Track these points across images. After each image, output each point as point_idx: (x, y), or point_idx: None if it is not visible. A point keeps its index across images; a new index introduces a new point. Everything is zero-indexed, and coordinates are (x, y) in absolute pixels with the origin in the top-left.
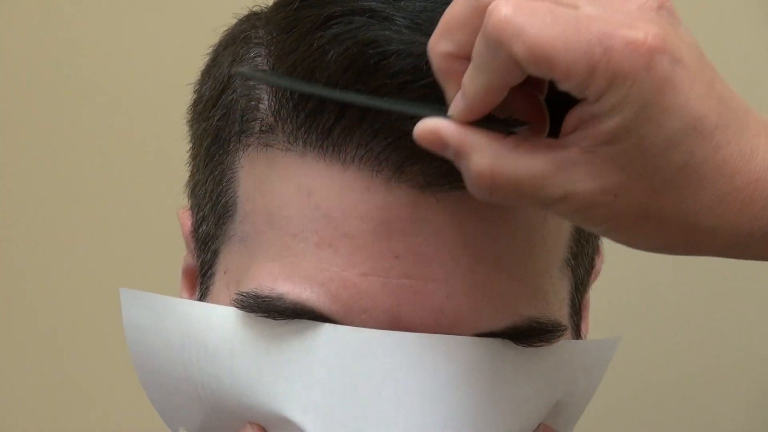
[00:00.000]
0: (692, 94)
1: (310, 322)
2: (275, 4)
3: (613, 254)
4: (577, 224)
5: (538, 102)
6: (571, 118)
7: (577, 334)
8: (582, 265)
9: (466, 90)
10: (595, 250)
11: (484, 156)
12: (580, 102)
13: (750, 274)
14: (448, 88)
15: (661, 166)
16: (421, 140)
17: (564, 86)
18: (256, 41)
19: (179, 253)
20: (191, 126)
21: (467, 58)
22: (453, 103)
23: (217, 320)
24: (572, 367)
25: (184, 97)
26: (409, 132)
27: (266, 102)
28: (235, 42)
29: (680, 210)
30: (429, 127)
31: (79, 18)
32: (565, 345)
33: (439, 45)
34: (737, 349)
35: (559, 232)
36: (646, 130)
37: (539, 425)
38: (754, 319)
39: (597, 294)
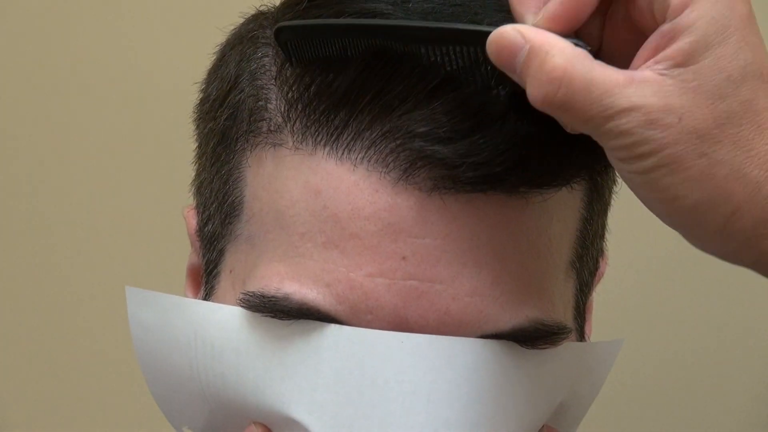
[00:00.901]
0: (763, 43)
1: (316, 322)
2: (282, 4)
3: (616, 256)
4: (628, 156)
5: None
6: (645, 49)
7: (581, 335)
8: (586, 267)
9: None
10: (600, 252)
11: (563, 53)
12: (654, 32)
13: (751, 277)
14: (525, 16)
15: (728, 95)
16: (498, 40)
17: None
18: (263, 41)
19: (184, 252)
20: (197, 125)
21: None
22: (540, 12)
23: (223, 319)
24: (576, 368)
25: (190, 96)
26: (419, 135)
27: (275, 102)
28: (242, 42)
29: (733, 149)
30: (508, 26)
31: (86, 16)
32: (569, 347)
33: None
34: (738, 351)
35: (565, 235)
36: (722, 53)
37: (543, 426)
38: (755, 320)
39: (600, 296)
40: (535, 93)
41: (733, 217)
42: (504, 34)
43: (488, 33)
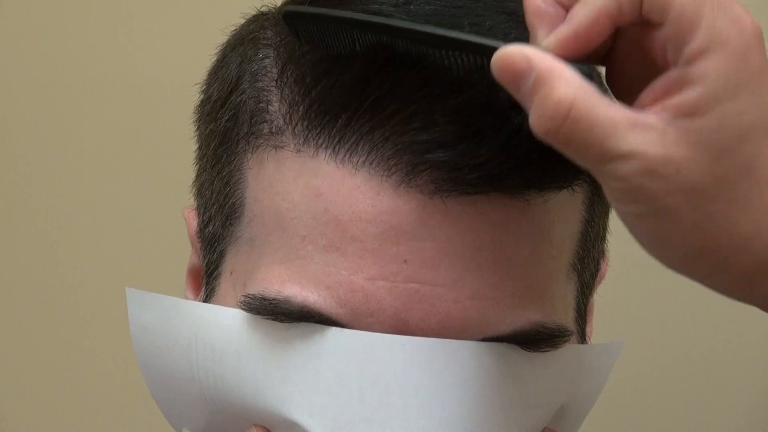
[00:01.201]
0: None
1: (317, 325)
2: (284, 4)
3: (617, 257)
4: (623, 198)
5: None
6: (653, 89)
7: (582, 337)
8: (588, 269)
9: (574, 15)
10: (601, 254)
11: (570, 86)
12: (666, 72)
13: None
14: (538, 31)
15: (730, 153)
16: (504, 62)
17: (668, 32)
18: (264, 42)
19: (185, 253)
20: (198, 126)
21: (564, 7)
22: (551, 35)
23: (224, 322)
24: (577, 371)
25: (191, 97)
26: (421, 140)
27: (276, 104)
28: (243, 43)
29: (728, 206)
30: (515, 49)
31: (86, 17)
32: (570, 349)
33: None
34: (739, 352)
35: (567, 237)
36: (729, 110)
37: (544, 429)
38: (755, 321)
39: (601, 297)
40: (537, 124)
41: (720, 267)
42: (510, 57)
43: (494, 48)
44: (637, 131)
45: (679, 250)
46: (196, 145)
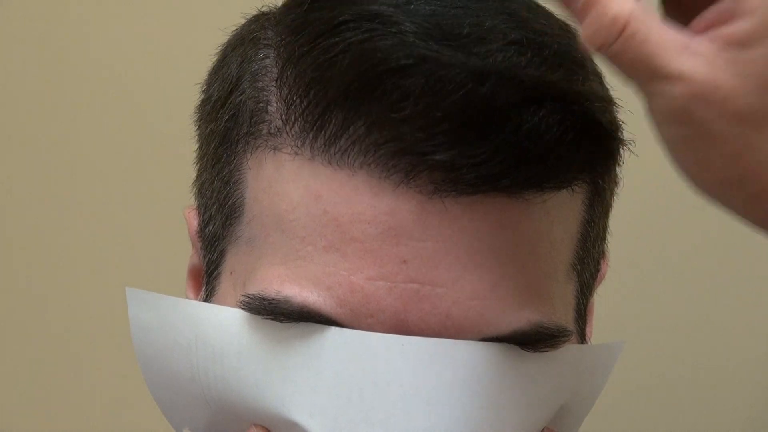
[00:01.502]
0: None
1: (317, 325)
2: (284, 5)
3: (617, 258)
4: (667, 120)
5: None
6: (705, 18)
7: (582, 338)
8: (588, 269)
9: None
10: (601, 254)
11: (625, 4)
12: (719, 1)
13: (751, 278)
14: None
15: None
16: None
17: None
18: (264, 42)
19: (186, 253)
20: (199, 126)
21: None
22: None
23: (224, 322)
24: (577, 371)
25: (192, 96)
26: (419, 140)
27: (275, 104)
28: (244, 43)
29: None
30: None
31: (87, 17)
32: (570, 349)
33: None
34: (740, 353)
35: (566, 237)
36: None
37: (543, 429)
38: (756, 322)
39: (602, 297)
40: (591, 39)
41: (756, 198)
42: None
43: None
44: (687, 55)
45: (718, 177)
46: (197, 145)
